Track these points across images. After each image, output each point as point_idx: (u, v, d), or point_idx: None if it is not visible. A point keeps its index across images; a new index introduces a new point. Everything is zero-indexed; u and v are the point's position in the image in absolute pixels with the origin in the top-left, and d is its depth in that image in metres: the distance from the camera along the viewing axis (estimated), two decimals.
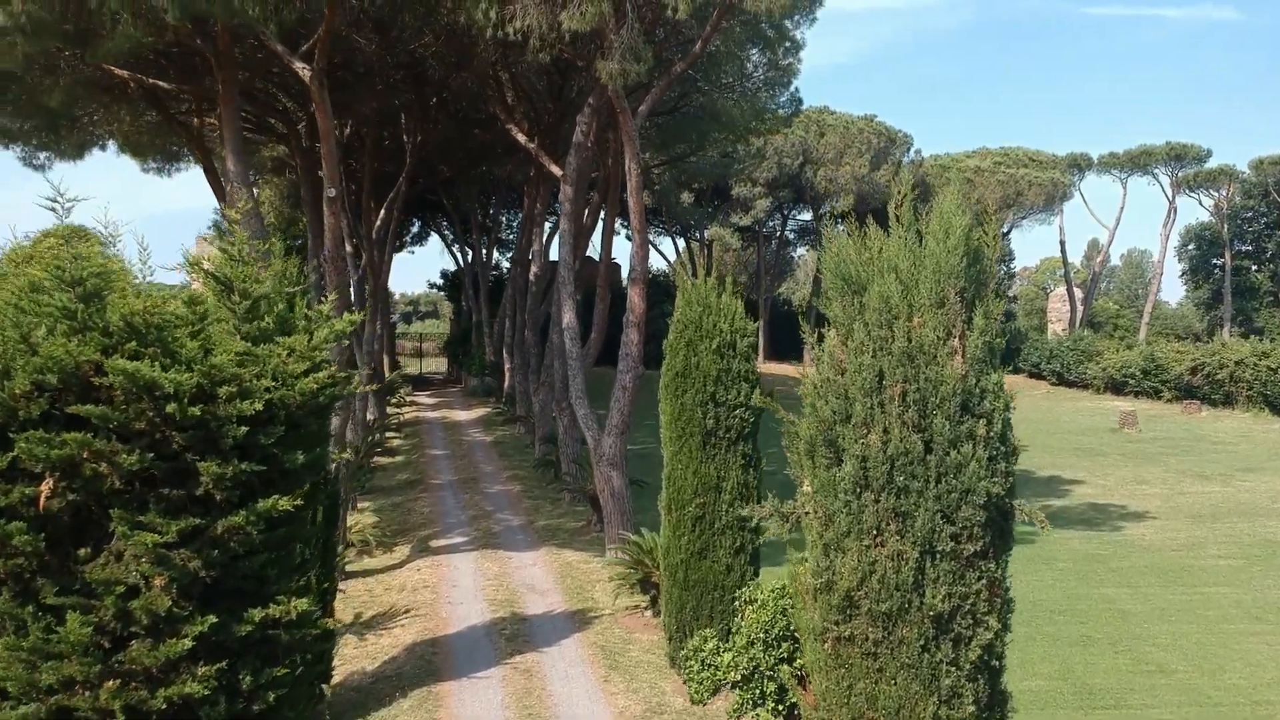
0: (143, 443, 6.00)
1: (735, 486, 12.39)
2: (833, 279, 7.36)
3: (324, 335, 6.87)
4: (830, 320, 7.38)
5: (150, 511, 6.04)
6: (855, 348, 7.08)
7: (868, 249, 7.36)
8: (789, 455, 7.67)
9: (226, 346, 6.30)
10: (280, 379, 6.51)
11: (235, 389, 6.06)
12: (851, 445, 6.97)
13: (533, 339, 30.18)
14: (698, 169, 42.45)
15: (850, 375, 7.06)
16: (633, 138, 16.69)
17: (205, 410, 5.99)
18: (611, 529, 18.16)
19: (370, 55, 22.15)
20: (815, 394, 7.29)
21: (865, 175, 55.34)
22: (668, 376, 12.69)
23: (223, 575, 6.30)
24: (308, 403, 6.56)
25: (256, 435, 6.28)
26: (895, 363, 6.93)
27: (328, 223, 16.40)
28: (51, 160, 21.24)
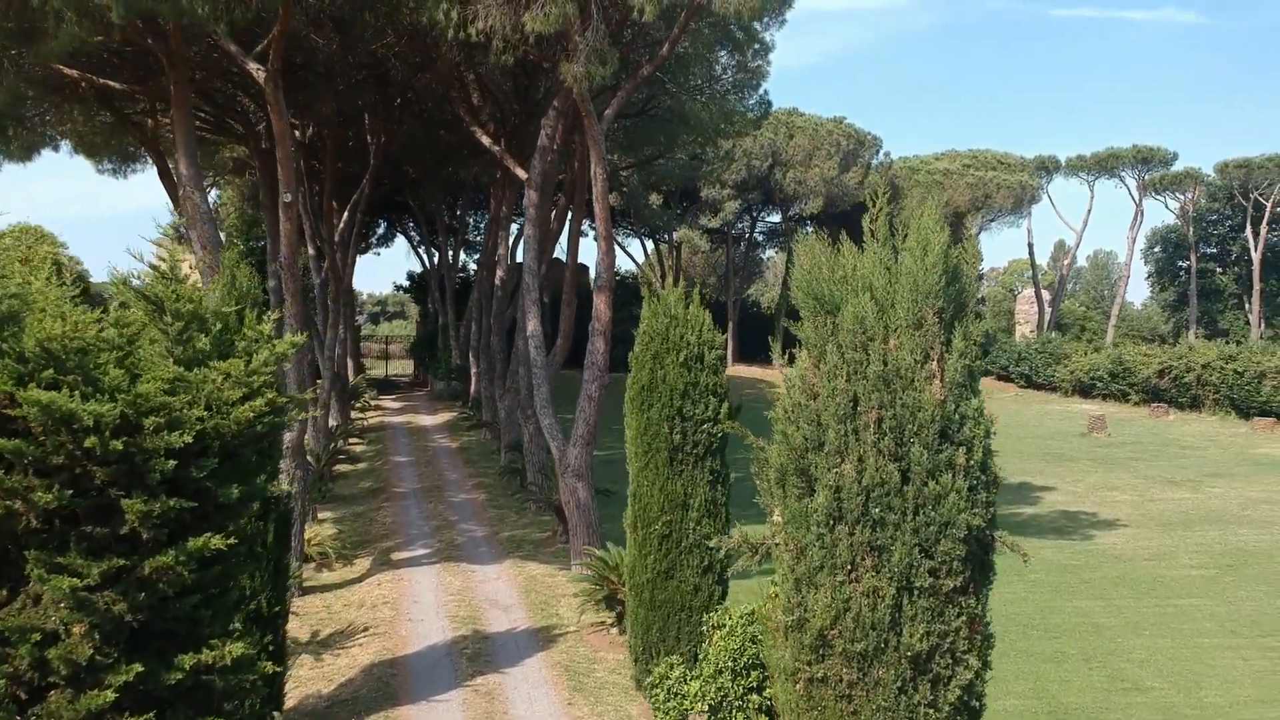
0: (62, 478, 5.53)
1: (703, 504, 12.04)
2: (804, 298, 6.99)
3: (263, 358, 6.40)
4: (801, 341, 7.02)
5: (71, 552, 5.57)
6: (828, 371, 6.72)
7: (841, 266, 7.00)
8: (758, 483, 7.30)
9: (156, 373, 5.83)
10: (214, 407, 6.05)
11: (163, 419, 5.60)
12: (824, 474, 6.61)
13: (498, 344, 29.71)
14: (666, 171, 42.07)
15: (823, 400, 6.70)
16: (598, 141, 16.29)
17: (129, 443, 5.52)
18: (577, 541, 17.75)
19: (331, 55, 21.61)
20: (786, 419, 6.92)
21: (834, 177, 55.17)
22: (633, 390, 12.31)
23: (151, 618, 5.84)
24: (244, 432, 6.10)
25: (188, 468, 5.81)
26: (870, 387, 6.58)
27: (283, 228, 15.89)
28: (1, 161, 20.57)
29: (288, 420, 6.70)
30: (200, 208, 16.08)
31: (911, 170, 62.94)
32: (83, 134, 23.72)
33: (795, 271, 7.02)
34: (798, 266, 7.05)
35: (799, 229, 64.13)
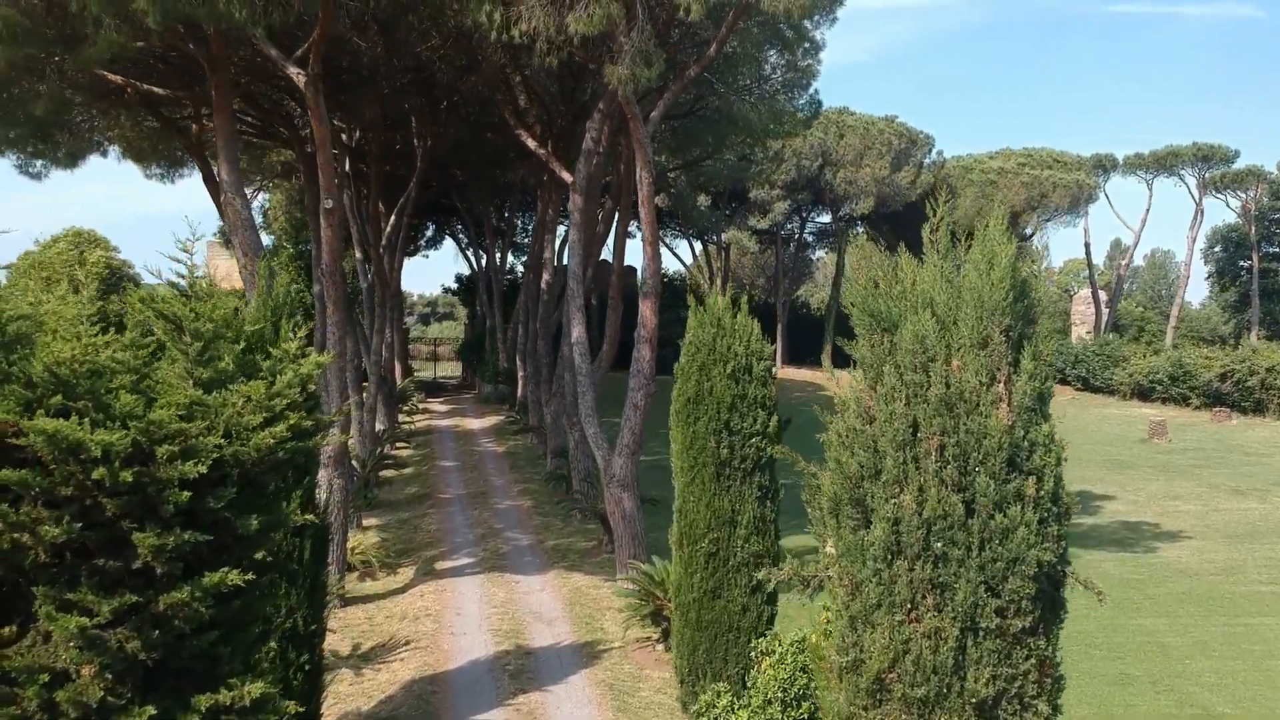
0: (72, 510, 5.23)
1: (751, 521, 11.59)
2: (859, 314, 6.54)
3: (287, 379, 6.07)
4: (857, 361, 6.56)
5: (82, 587, 5.27)
6: (885, 394, 6.26)
7: (899, 280, 6.54)
8: (809, 510, 6.85)
9: (171, 397, 5.52)
10: (234, 433, 5.73)
11: (177, 448, 5.28)
12: (882, 505, 6.15)
13: (544, 348, 29.42)
14: (714, 172, 41.54)
15: (880, 425, 6.24)
16: (644, 144, 15.89)
17: (141, 473, 5.21)
18: (622, 553, 17.37)
19: (375, 59, 21.44)
20: (839, 445, 6.47)
21: (886, 177, 54.33)
22: (679, 402, 11.90)
23: (167, 656, 5.53)
24: (265, 459, 5.77)
25: (204, 499, 5.49)
26: (932, 412, 6.11)
27: (324, 235, 15.68)
28: (48, 168, 20.60)
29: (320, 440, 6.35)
30: (242, 214, 15.91)
31: (965, 169, 61.84)
32: (130, 139, 23.77)
33: (849, 286, 6.57)
34: (851, 281, 6.60)
35: (850, 229, 63.39)
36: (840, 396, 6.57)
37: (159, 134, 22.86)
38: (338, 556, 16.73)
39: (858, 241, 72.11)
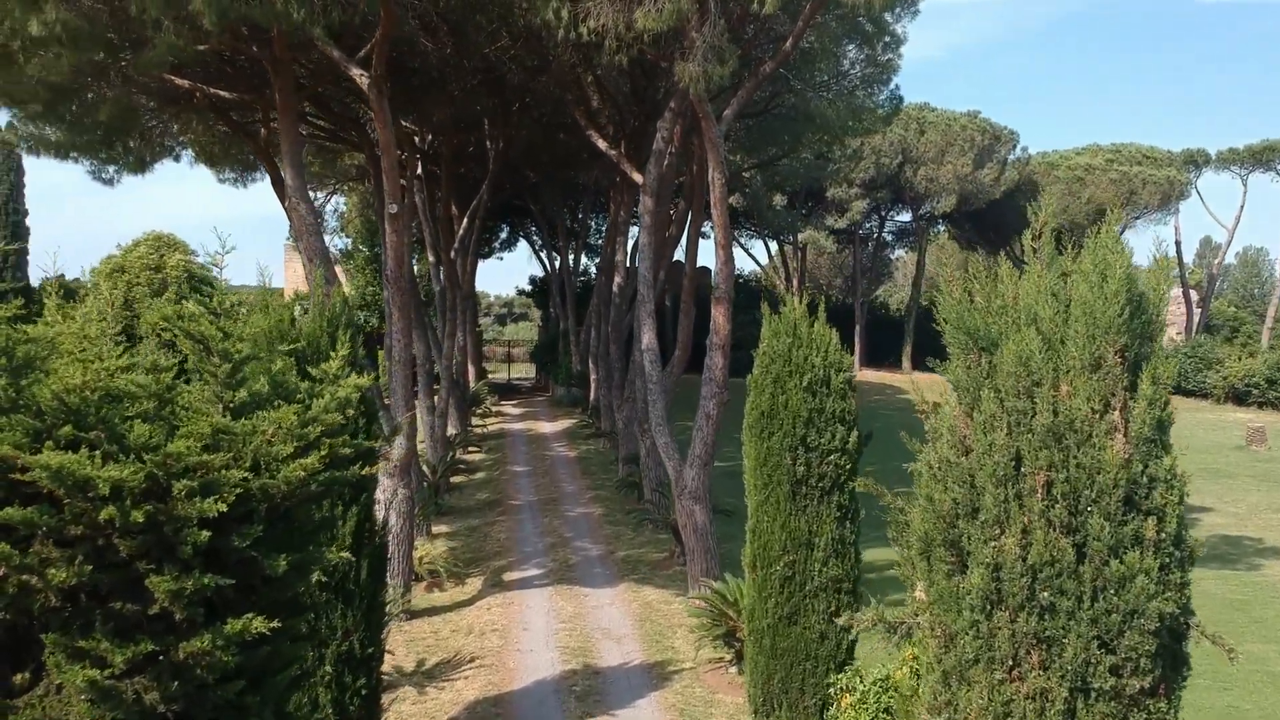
0: (84, 549, 4.78)
1: (830, 543, 10.91)
2: (953, 332, 5.85)
3: (324, 404, 5.58)
4: (952, 385, 5.87)
5: (95, 634, 4.82)
6: (984, 422, 5.56)
7: (999, 294, 5.83)
8: (896, 549, 6.18)
9: (194, 427, 5.05)
10: (263, 464, 5.24)
11: (196, 483, 4.80)
12: (980, 549, 5.46)
13: (616, 352, 28.90)
14: (790, 171, 40.70)
15: (978, 457, 5.55)
16: (716, 144, 15.26)
17: (158, 510, 4.74)
18: (694, 567, 16.75)
19: (444, 60, 21.13)
20: (931, 478, 5.79)
21: (968, 174, 52.91)
22: (752, 416, 11.25)
23: (189, 707, 5.06)
24: (297, 492, 5.27)
25: (228, 536, 5.01)
26: (1037, 443, 5.40)
27: (389, 240, 15.31)
28: (120, 174, 20.61)
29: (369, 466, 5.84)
30: (306, 219, 15.62)
31: (1050, 166, 60.00)
32: (202, 144, 23.79)
33: (941, 300, 5.88)
34: (944, 294, 5.91)
35: (930, 228, 61.96)
36: (932, 424, 5.88)
37: (229, 138, 22.82)
38: (404, 568, 16.39)
39: (938, 241, 70.54)
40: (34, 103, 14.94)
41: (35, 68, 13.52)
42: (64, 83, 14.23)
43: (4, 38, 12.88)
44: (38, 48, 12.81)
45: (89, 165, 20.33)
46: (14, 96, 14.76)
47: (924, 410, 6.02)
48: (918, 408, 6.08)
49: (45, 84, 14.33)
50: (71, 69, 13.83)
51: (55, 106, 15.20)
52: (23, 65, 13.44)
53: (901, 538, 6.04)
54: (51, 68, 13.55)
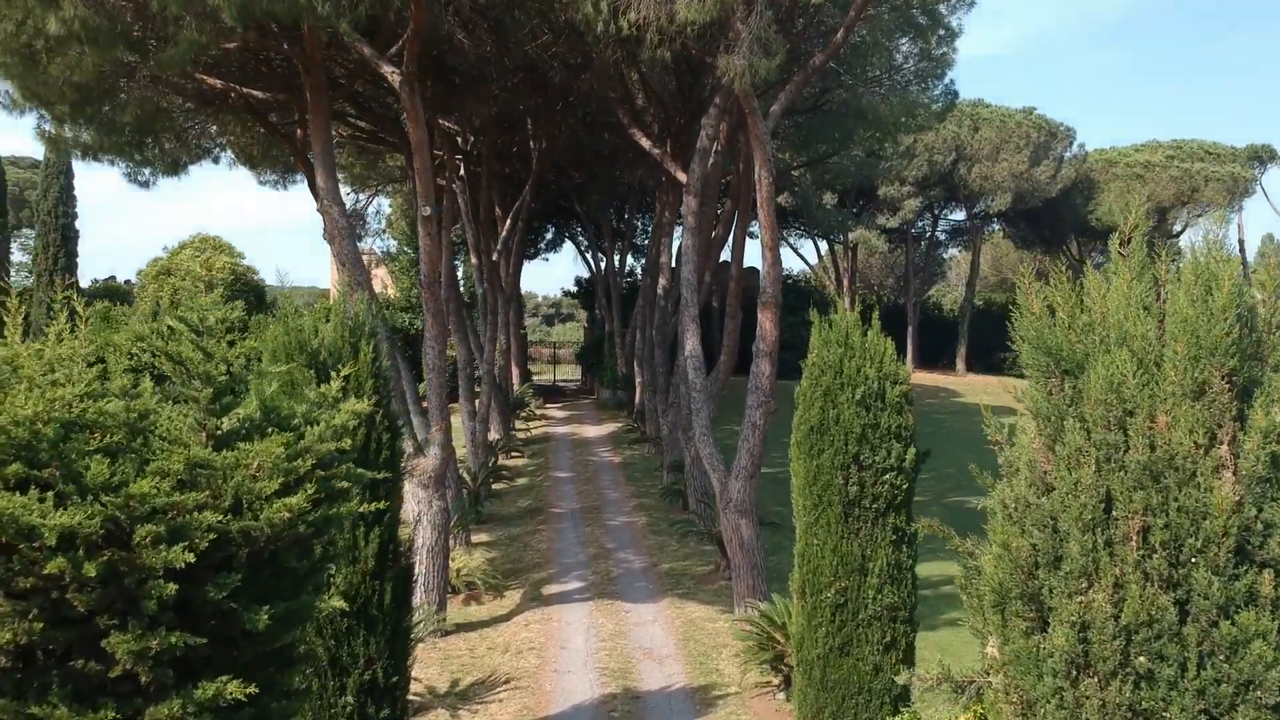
0: (37, 602, 4.21)
1: (884, 568, 10.16)
2: (1031, 353, 5.11)
3: (317, 434, 4.97)
4: (1030, 412, 5.14)
5: (51, 698, 4.24)
6: (1068, 457, 4.82)
7: (1085, 310, 5.08)
8: (964, 597, 5.45)
9: (164, 462, 4.45)
10: (245, 503, 4.64)
11: (162, 527, 4.20)
12: (1063, 604, 4.72)
13: (661, 356, 28.22)
14: (841, 169, 39.77)
15: (1061, 497, 4.81)
16: (763, 142, 14.54)
17: (118, 560, 4.15)
18: (740, 584, 16.05)
19: (483, 58, 20.59)
20: (1006, 520, 5.06)
21: (1024, 172, 51.57)
22: (800, 432, 10.53)
23: None
24: (283, 534, 4.67)
25: (202, 586, 4.41)
26: (1131, 482, 4.65)
27: (422, 244, 14.77)
28: (155, 176, 20.29)
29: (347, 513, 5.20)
30: (339, 222, 15.13)
31: (1108, 163, 58.41)
32: (241, 145, 23.48)
33: (1021, 317, 5.15)
34: (1022, 308, 5.17)
35: (984, 227, 60.62)
36: (1006, 456, 5.15)
37: (268, 140, 22.47)
38: (438, 583, 15.84)
39: (992, 240, 69.09)
40: (61, 104, 14.58)
41: (59, 67, 13.13)
42: (89, 82, 13.85)
43: (27, 36, 12.50)
44: (59, 46, 12.41)
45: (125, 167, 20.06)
46: (41, 97, 14.41)
47: (997, 441, 5.29)
48: (991, 439, 5.34)
49: (71, 84, 13.96)
50: (96, 68, 13.44)
51: (83, 107, 14.83)
52: (46, 65, 13.06)
53: (970, 585, 5.31)
54: (75, 67, 13.16)
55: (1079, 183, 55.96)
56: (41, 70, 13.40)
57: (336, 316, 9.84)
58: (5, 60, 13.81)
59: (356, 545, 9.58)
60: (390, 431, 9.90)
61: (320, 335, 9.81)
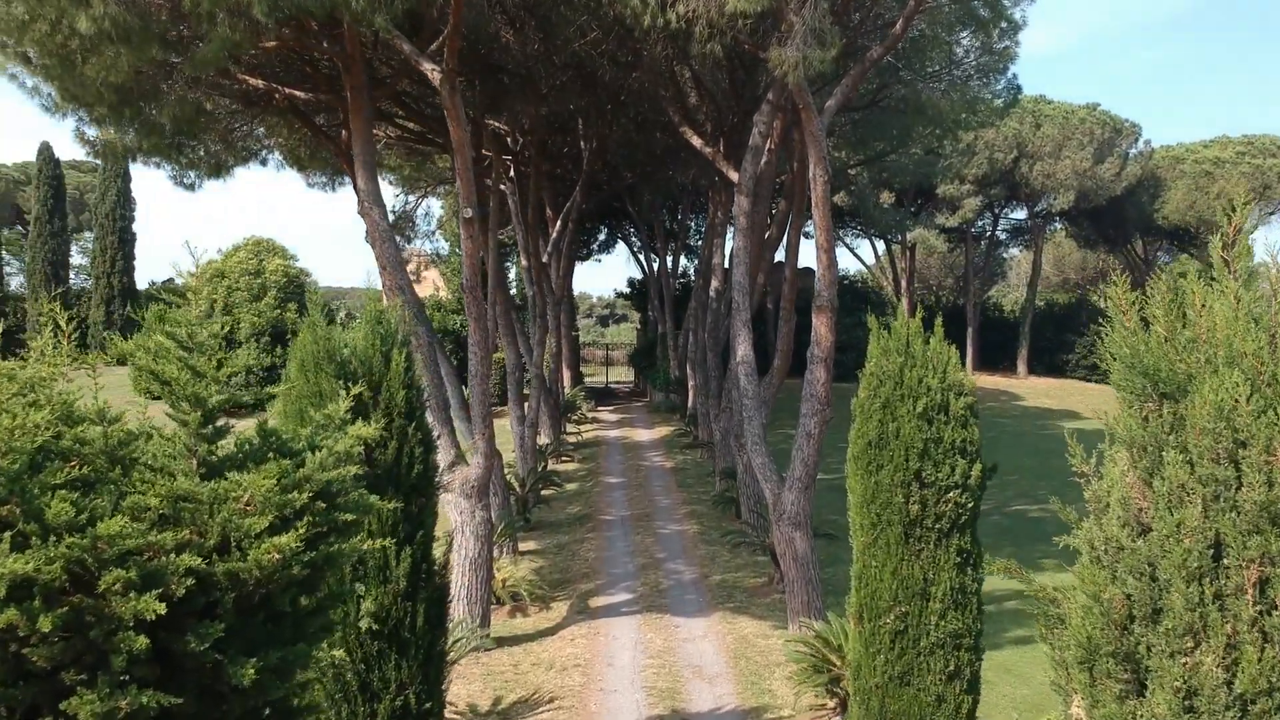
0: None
1: (948, 593, 9.48)
2: (1124, 373, 4.46)
3: (317, 462, 4.48)
4: (1122, 440, 4.49)
5: None
6: (1169, 493, 4.17)
7: (1188, 325, 4.43)
8: (1045, 648, 4.81)
9: (140, 498, 3.98)
10: (233, 541, 4.15)
11: (133, 573, 3.72)
12: (1165, 666, 4.07)
13: (713, 359, 27.59)
14: (899, 168, 38.92)
15: (1160, 540, 4.16)
16: (818, 138, 13.90)
17: (83, 609, 3.67)
18: (794, 599, 15.40)
19: (532, 56, 20.17)
20: (1095, 565, 4.41)
21: (1087, 169, 50.17)
22: (857, 446, 9.88)
23: None
24: (274, 577, 4.17)
25: (183, 635, 3.93)
26: (1245, 525, 4.00)
27: (464, 247, 14.31)
28: (201, 179, 20.07)
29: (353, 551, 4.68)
30: (380, 225, 14.74)
31: (1176, 160, 56.62)
32: (289, 147, 23.24)
33: (1112, 331, 4.50)
34: (1115, 321, 4.53)
35: (1046, 226, 59.21)
36: (1093, 490, 4.51)
37: (315, 142, 22.21)
38: (482, 595, 15.38)
39: (1054, 239, 67.54)
40: (99, 105, 14.33)
41: (95, 68, 12.86)
42: (127, 83, 13.57)
43: (62, 37, 12.24)
44: (94, 47, 12.13)
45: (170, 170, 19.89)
46: (80, 99, 14.17)
47: (1083, 473, 4.65)
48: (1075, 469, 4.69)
49: (109, 85, 13.69)
50: (132, 69, 13.14)
51: (122, 109, 14.57)
52: (82, 66, 12.79)
53: (1053, 636, 4.67)
54: (111, 68, 12.87)
55: (1144, 180, 54.37)
56: (78, 71, 13.16)
57: (367, 323, 9.39)
58: (45, 62, 13.61)
59: (388, 565, 9.11)
60: (424, 445, 9.41)
61: (351, 344, 9.37)
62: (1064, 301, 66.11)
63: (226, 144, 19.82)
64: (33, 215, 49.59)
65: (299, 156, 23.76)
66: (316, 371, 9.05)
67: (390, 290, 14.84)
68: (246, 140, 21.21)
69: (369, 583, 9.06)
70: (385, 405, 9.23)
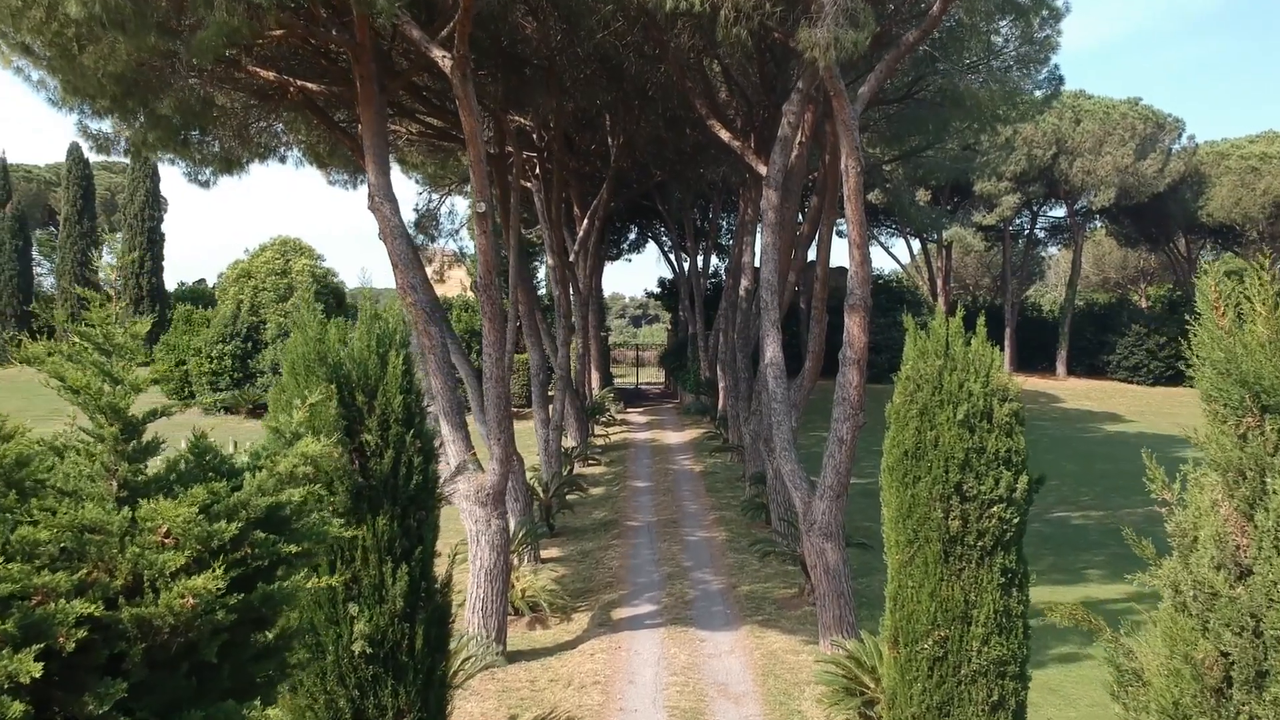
0: None
1: (992, 616, 8.71)
2: (1216, 381, 3.70)
3: (255, 485, 3.81)
4: (1214, 463, 3.73)
5: None
6: (1274, 529, 3.41)
7: None
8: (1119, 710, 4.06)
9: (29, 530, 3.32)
10: (146, 581, 3.48)
11: (9, 624, 3.06)
12: None
13: (743, 361, 26.83)
14: (934, 164, 37.97)
15: (1266, 588, 3.40)
16: (850, 127, 13.13)
17: None
18: (826, 614, 14.64)
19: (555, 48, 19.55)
20: (1179, 612, 3.66)
21: (1129, 166, 48.96)
22: (892, 456, 9.12)
23: None
24: (196, 624, 3.50)
25: (79, 695, 3.26)
26: None
27: (479, 243, 13.66)
28: (215, 175, 19.57)
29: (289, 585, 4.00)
30: (391, 220, 14.12)
31: (1220, 156, 55.22)
32: (309, 143, 22.71)
33: (1200, 330, 3.75)
34: (1205, 322, 3.77)
35: (1086, 224, 57.95)
36: (1176, 522, 3.76)
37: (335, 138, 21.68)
38: (497, 608, 14.72)
39: (1094, 237, 66.17)
40: (101, 98, 13.81)
41: (92, 58, 12.34)
42: (128, 74, 13.04)
43: (57, 24, 11.71)
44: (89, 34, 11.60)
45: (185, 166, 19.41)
46: (81, 91, 13.66)
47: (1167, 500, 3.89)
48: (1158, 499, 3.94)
49: (110, 76, 13.18)
50: (132, 59, 12.63)
51: (125, 101, 14.05)
52: (80, 56, 12.27)
53: (1127, 694, 3.92)
54: (109, 57, 12.36)
55: (1188, 177, 53.05)
56: (77, 62, 12.65)
57: (362, 323, 8.75)
58: (46, 53, 13.13)
59: (383, 584, 8.44)
60: (424, 454, 8.74)
61: (347, 346, 8.72)
62: (1104, 301, 64.77)
63: (242, 139, 19.29)
64: (62, 216, 49.61)
65: (318, 153, 23.24)
66: (308, 376, 8.41)
67: (403, 289, 14.23)
68: (263, 136, 20.70)
69: (363, 603, 8.40)
70: (381, 411, 8.57)
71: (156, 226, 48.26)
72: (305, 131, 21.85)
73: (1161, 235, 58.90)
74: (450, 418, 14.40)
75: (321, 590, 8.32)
